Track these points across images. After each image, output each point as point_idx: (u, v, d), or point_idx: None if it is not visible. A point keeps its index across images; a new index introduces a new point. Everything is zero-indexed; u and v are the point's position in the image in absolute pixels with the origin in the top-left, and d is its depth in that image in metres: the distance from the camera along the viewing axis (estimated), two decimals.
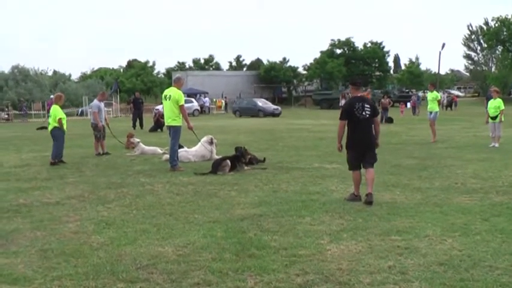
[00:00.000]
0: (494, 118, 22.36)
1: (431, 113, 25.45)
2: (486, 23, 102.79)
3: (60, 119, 18.88)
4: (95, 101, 22.34)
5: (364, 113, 11.32)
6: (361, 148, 11.47)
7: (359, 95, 11.88)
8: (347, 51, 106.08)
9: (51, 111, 19.45)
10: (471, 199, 11.43)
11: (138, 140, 21.97)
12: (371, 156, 11.54)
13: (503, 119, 22.51)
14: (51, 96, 53.07)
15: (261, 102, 67.17)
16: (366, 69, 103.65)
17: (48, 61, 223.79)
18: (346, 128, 11.50)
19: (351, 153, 11.56)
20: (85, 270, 7.22)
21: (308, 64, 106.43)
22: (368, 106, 11.44)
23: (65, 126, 19.13)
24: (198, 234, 8.87)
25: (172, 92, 16.52)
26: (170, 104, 16.35)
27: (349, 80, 13.23)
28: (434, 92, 26.39)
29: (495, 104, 22.56)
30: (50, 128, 19.26)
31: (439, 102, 26.29)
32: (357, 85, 12.16)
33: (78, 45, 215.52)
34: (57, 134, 18.91)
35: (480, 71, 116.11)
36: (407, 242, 8.20)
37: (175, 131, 16.46)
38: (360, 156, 11.48)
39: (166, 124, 17.06)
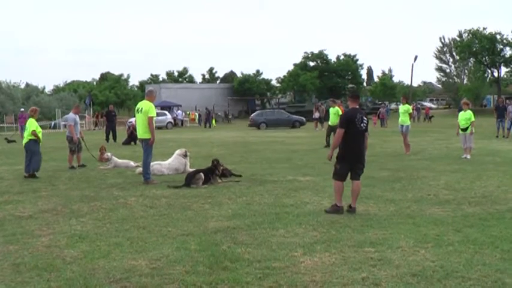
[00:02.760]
0: (465, 130, 22.51)
1: (402, 126, 25.19)
2: (460, 35, 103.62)
3: (34, 131, 18.75)
4: (71, 114, 22.26)
5: (362, 124, 11.48)
6: (354, 159, 11.52)
7: (357, 107, 11.94)
8: (320, 64, 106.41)
9: (27, 124, 19.34)
10: (444, 210, 11.52)
11: (110, 153, 21.83)
12: (360, 168, 11.64)
13: (474, 131, 22.65)
14: (22, 109, 52.82)
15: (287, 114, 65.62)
16: (339, 82, 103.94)
17: (20, 74, 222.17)
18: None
19: (343, 164, 11.51)
20: (58, 284, 7.17)
21: (281, 77, 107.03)
22: (365, 119, 11.66)
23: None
24: (172, 247, 8.85)
25: (143, 104, 16.55)
26: (142, 116, 16.37)
27: (348, 92, 13.13)
28: (406, 105, 26.08)
29: (465, 116, 22.66)
30: (24, 141, 19.11)
31: (410, 115, 26.00)
32: (356, 98, 12.24)
33: (51, 58, 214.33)
34: (33, 146, 18.80)
35: (452, 83, 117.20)
36: (381, 254, 8.24)
37: (147, 144, 16.44)
38: (349, 168, 11.52)
39: (138, 137, 17.07)
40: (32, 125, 18.96)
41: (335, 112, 28.58)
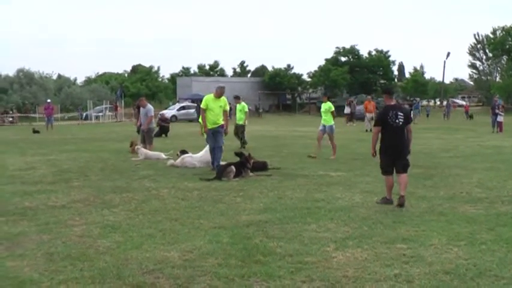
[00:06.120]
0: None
1: (325, 126, 22.80)
2: (493, 32, 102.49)
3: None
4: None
5: (397, 120, 11.69)
6: (392, 154, 11.82)
7: (392, 103, 12.28)
8: (351, 59, 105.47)
9: None
10: (476, 208, 11.43)
11: (137, 146, 21.91)
12: (402, 162, 11.82)
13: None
14: (48, 100, 53.39)
15: None
16: (371, 77, 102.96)
17: (53, 65, 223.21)
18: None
19: (382, 159, 11.95)
20: (91, 274, 7.24)
21: (312, 71, 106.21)
22: (401, 114, 11.82)
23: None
24: (204, 240, 8.89)
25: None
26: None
27: (383, 89, 13.20)
28: (328, 103, 23.44)
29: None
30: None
31: (333, 114, 23.02)
32: (390, 94, 12.78)
33: (83, 50, 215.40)
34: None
35: (484, 80, 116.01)
36: (413, 251, 8.21)
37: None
38: (391, 162, 11.82)
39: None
40: None
41: (240, 109, 27.87)
